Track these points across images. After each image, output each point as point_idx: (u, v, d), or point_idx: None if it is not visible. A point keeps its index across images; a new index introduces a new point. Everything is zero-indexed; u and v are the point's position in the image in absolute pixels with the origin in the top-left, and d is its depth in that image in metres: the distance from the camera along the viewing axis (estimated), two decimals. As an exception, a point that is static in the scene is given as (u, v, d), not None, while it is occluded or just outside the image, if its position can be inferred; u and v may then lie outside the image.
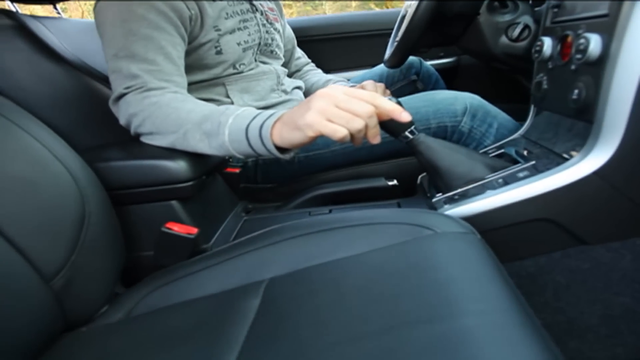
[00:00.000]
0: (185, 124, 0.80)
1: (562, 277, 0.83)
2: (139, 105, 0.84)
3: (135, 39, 0.86)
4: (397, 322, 0.48)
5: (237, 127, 0.75)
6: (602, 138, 0.72)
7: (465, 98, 1.04)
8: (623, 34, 0.66)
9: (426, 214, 0.71)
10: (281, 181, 1.14)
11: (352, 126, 0.67)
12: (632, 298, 0.82)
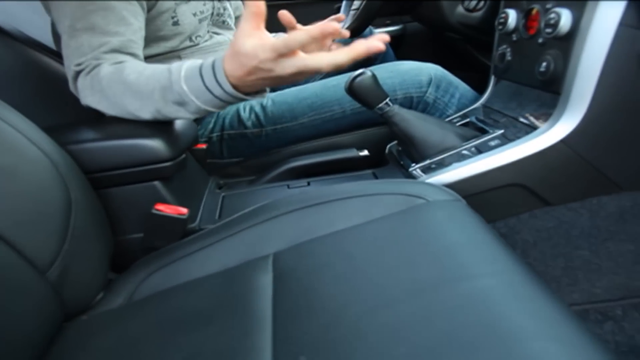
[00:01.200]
0: (143, 96, 0.74)
1: (530, 235, 0.90)
2: (96, 79, 0.77)
3: (94, 8, 0.79)
4: (422, 286, 0.51)
5: (200, 93, 0.70)
6: (569, 108, 0.78)
7: (430, 69, 1.07)
8: (594, 9, 0.71)
9: (416, 184, 0.74)
10: (248, 155, 1.13)
11: (325, 62, 0.63)
12: (589, 251, 0.91)
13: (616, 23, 0.70)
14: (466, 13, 1.16)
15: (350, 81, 0.86)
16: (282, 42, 0.60)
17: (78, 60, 0.78)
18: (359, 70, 0.87)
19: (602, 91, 0.74)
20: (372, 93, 0.87)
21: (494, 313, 0.45)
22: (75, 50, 0.79)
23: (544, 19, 0.80)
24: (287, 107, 1.08)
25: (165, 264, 0.70)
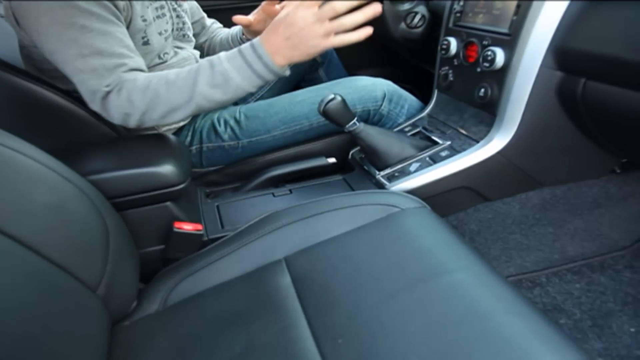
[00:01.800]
0: (192, 89, 0.87)
1: (475, 225, 1.12)
2: (134, 97, 0.88)
3: (93, 34, 0.87)
4: (412, 281, 0.69)
5: (242, 71, 0.86)
6: (503, 127, 0.98)
7: (383, 85, 1.25)
8: (522, 50, 0.91)
9: (390, 195, 0.92)
10: (225, 164, 1.26)
11: (349, 25, 0.84)
12: (520, 235, 1.14)
13: (538, 65, 0.90)
14: (408, 29, 1.33)
15: (324, 105, 1.01)
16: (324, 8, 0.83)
17: (104, 81, 0.88)
18: (330, 95, 1.02)
19: (528, 114, 0.95)
20: (342, 115, 1.03)
21: (468, 299, 0.63)
22: (92, 73, 0.88)
23: (483, 54, 0.99)
24: (260, 122, 1.21)
25: (191, 273, 0.84)
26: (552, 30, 0.86)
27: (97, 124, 1.03)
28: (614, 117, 0.85)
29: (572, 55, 0.85)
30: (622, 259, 1.22)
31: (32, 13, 0.87)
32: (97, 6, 0.88)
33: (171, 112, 0.90)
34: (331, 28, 0.84)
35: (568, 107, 0.93)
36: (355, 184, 1.11)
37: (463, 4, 1.09)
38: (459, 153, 1.03)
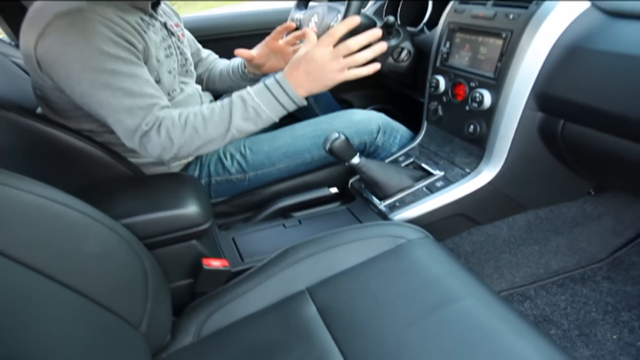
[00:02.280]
0: (228, 124, 0.98)
1: (469, 247, 1.23)
2: (174, 133, 0.97)
3: (123, 77, 0.94)
4: (428, 307, 0.78)
5: (270, 104, 0.98)
6: (492, 160, 1.10)
7: (377, 118, 1.35)
8: (508, 94, 1.03)
9: (396, 226, 1.01)
10: (232, 195, 1.34)
11: (361, 62, 0.97)
12: (510, 253, 1.26)
13: (522, 107, 1.01)
14: (395, 63, 1.44)
15: (329, 144, 1.11)
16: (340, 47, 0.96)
17: (142, 120, 0.96)
18: (334, 134, 1.11)
19: (514, 149, 1.06)
20: (346, 152, 1.13)
21: (479, 324, 0.74)
22: (128, 113, 0.95)
23: (471, 95, 1.10)
24: (265, 155, 1.30)
25: (221, 305, 0.92)
26: (534, 77, 0.98)
27: (114, 163, 1.11)
28: (590, 153, 0.97)
29: (552, 100, 0.97)
30: (600, 271, 1.35)
31: (63, 60, 0.94)
32: (123, 51, 0.96)
33: (206, 144, 1.00)
34: (346, 64, 0.97)
35: (549, 143, 1.05)
36: (359, 214, 1.21)
37: (449, 46, 1.20)
38: (453, 184, 1.14)
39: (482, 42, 1.09)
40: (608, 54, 0.86)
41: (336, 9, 1.34)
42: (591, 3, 0.92)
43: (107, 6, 0.98)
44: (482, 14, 1.08)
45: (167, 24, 1.18)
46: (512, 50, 1.00)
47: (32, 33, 0.94)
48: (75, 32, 0.92)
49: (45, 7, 0.95)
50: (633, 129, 0.84)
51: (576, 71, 0.91)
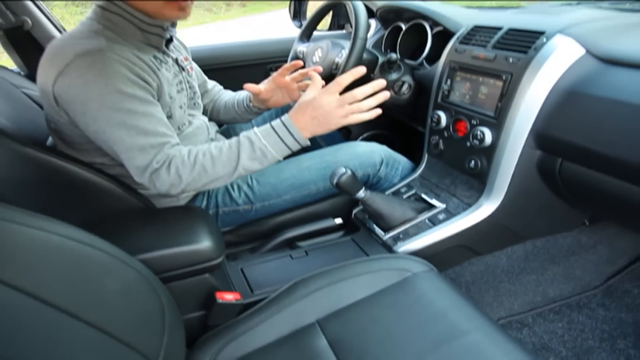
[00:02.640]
0: (235, 163, 1.01)
1: (470, 277, 1.27)
2: (183, 171, 1.00)
3: (138, 116, 0.97)
4: (436, 341, 0.82)
5: (276, 145, 1.02)
6: (493, 194, 1.14)
7: (379, 150, 1.40)
8: (508, 133, 1.07)
9: (402, 259, 1.05)
10: (239, 225, 1.37)
11: (365, 109, 1.02)
12: (509, 282, 1.30)
13: (522, 145, 1.06)
14: (396, 96, 1.49)
15: (336, 179, 1.14)
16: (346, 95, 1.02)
17: (153, 158, 0.99)
18: (341, 169, 1.15)
19: (513, 184, 1.11)
20: (352, 186, 1.16)
21: (483, 358, 0.77)
22: (140, 151, 0.98)
23: (472, 132, 1.15)
24: (271, 187, 1.34)
25: (233, 338, 0.95)
26: (533, 118, 1.03)
27: (126, 195, 1.13)
28: (586, 190, 1.02)
29: (550, 140, 1.02)
30: (595, 298, 1.40)
31: (81, 98, 0.97)
32: (139, 90, 1.00)
33: (213, 182, 1.04)
34: (351, 110, 1.02)
35: (547, 179, 1.09)
36: (364, 245, 1.25)
37: (450, 84, 1.26)
38: (455, 216, 1.18)
39: (483, 82, 1.14)
40: (603, 99, 0.91)
41: (340, 44, 1.38)
42: (586, 50, 0.98)
43: (125, 45, 1.02)
44: (483, 56, 1.13)
45: (178, 60, 1.22)
46: (512, 91, 1.05)
47: (51, 70, 0.97)
48: (95, 72, 0.95)
49: (65, 46, 0.98)
50: (628, 171, 0.89)
51: (573, 114, 0.96)
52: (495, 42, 1.12)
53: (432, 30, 1.48)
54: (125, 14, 1.04)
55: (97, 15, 1.05)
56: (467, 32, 1.25)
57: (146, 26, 1.07)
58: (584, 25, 1.02)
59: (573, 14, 1.12)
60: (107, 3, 1.04)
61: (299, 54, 1.54)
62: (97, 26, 1.03)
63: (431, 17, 1.46)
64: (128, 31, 1.05)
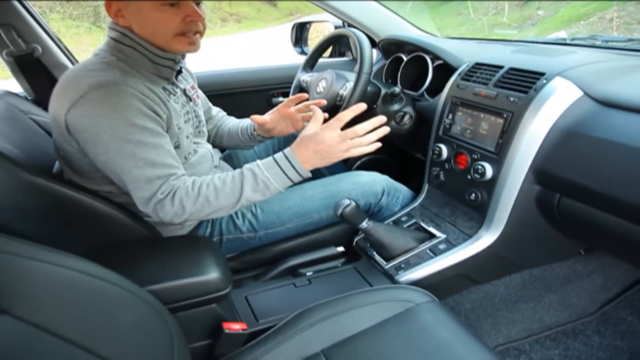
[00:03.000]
0: (238, 195, 1.04)
1: (469, 305, 1.30)
2: (186, 202, 1.02)
3: (147, 148, 1.00)
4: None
5: (278, 178, 1.05)
6: (492, 226, 1.18)
7: (381, 180, 1.43)
8: (509, 169, 1.11)
9: (405, 290, 1.08)
10: (242, 252, 1.40)
11: (365, 143, 1.06)
12: (506, 310, 1.33)
13: (521, 180, 1.10)
14: (397, 126, 1.52)
15: (341, 210, 1.17)
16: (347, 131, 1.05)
17: (159, 189, 1.01)
18: (345, 201, 1.18)
19: (513, 217, 1.15)
20: (356, 217, 1.19)
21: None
22: (147, 182, 1.01)
23: (473, 166, 1.18)
24: (275, 215, 1.36)
25: (242, 368, 0.97)
26: (533, 155, 1.07)
27: (132, 224, 1.15)
28: (583, 225, 1.06)
29: (549, 177, 1.05)
30: (590, 325, 1.43)
31: (93, 129, 0.99)
32: (150, 122, 1.02)
33: (216, 212, 1.06)
34: (352, 145, 1.06)
35: (545, 213, 1.13)
36: (366, 274, 1.28)
37: (452, 118, 1.29)
38: (455, 247, 1.21)
39: (484, 118, 1.18)
40: (601, 140, 0.95)
41: (344, 77, 1.42)
42: (584, 92, 1.02)
43: (138, 77, 1.05)
44: (485, 93, 1.17)
45: (186, 90, 1.25)
46: (513, 129, 1.09)
47: (65, 100, 0.99)
48: (108, 104, 0.98)
49: (80, 77, 1.01)
50: (625, 210, 0.92)
51: (572, 153, 1.00)
52: (497, 80, 1.17)
53: (433, 63, 1.52)
54: (138, 46, 1.07)
55: (111, 47, 1.08)
56: (469, 68, 1.29)
57: (158, 59, 1.10)
58: (581, 68, 1.07)
59: (571, 57, 1.16)
60: (120, 35, 1.07)
61: (303, 83, 1.58)
62: (110, 58, 1.06)
63: (432, 52, 1.51)
64: (140, 63, 1.09)
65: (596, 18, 7.70)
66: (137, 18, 1.05)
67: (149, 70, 1.10)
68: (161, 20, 1.04)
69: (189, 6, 1.05)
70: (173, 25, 1.05)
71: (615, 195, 0.92)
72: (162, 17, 1.04)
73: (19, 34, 1.49)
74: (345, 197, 1.21)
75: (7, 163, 1.00)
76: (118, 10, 1.05)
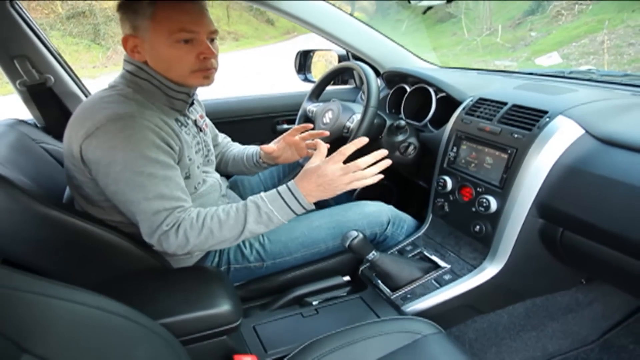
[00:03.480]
0: (242, 227, 1.06)
1: (473, 334, 1.32)
2: (190, 234, 1.04)
3: (157, 181, 1.02)
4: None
5: (282, 210, 1.07)
6: (497, 258, 1.20)
7: (387, 210, 1.46)
8: (513, 203, 1.14)
9: (410, 321, 1.09)
10: (248, 281, 1.41)
11: (368, 176, 1.09)
12: (510, 339, 1.35)
13: (525, 214, 1.13)
14: (401, 156, 1.55)
15: (349, 242, 1.20)
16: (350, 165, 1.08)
17: (164, 221, 1.03)
18: (353, 233, 1.21)
19: (516, 249, 1.17)
20: (364, 248, 1.22)
21: None
22: (154, 214, 1.02)
23: (478, 199, 1.21)
24: (282, 245, 1.38)
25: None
26: (537, 190, 1.10)
27: (143, 255, 1.17)
28: (584, 256, 1.08)
29: (553, 211, 1.08)
30: (593, 353, 1.45)
31: (106, 160, 1.01)
32: (163, 154, 1.05)
33: (219, 244, 1.08)
34: (354, 177, 1.09)
35: (548, 245, 1.16)
36: (372, 304, 1.30)
37: (456, 151, 1.33)
38: (460, 277, 1.24)
39: (488, 152, 1.21)
40: (602, 177, 0.98)
41: (351, 109, 1.46)
42: (585, 131, 1.05)
43: (154, 110, 1.08)
44: (489, 129, 1.21)
45: (196, 121, 1.28)
46: (517, 164, 1.12)
47: (81, 130, 1.01)
48: (123, 136, 1.00)
49: (97, 109, 1.03)
50: (625, 245, 0.95)
51: (575, 189, 1.03)
52: (501, 116, 1.20)
53: (437, 95, 1.56)
54: (153, 79, 1.11)
55: (127, 80, 1.11)
56: (473, 103, 1.33)
57: (172, 92, 1.13)
58: (583, 106, 1.10)
59: (572, 95, 1.20)
60: (136, 69, 1.11)
61: (309, 113, 1.61)
62: (127, 90, 1.09)
63: (435, 85, 1.55)
64: (155, 96, 1.12)
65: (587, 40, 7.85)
66: (153, 55, 1.09)
67: (163, 102, 1.13)
68: (176, 58, 1.08)
69: (203, 43, 1.08)
70: (188, 62, 1.09)
71: (616, 231, 0.95)
72: (177, 54, 1.07)
73: (33, 64, 1.53)
74: (352, 228, 1.24)
75: (23, 196, 1.01)
76: (134, 46, 1.09)
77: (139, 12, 1.04)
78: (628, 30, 7.51)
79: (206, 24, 1.09)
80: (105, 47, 10.81)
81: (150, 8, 1.03)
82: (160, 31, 1.05)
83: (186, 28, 1.06)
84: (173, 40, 1.06)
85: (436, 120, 1.54)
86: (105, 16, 10.93)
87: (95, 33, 10.80)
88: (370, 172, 1.09)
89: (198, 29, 1.07)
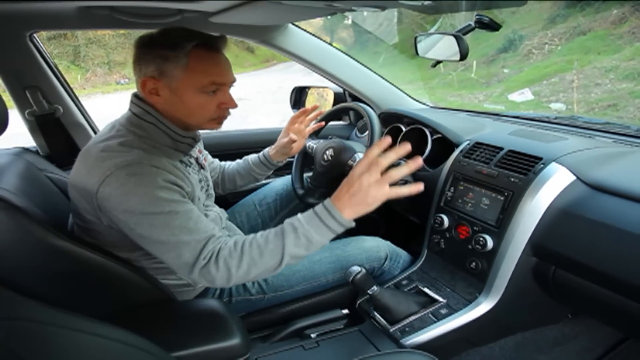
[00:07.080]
0: (282, 251, 1.01)
1: (464, 367, 1.37)
2: (231, 264, 1.01)
3: (179, 216, 1.01)
4: None
5: (320, 230, 1.02)
6: (492, 293, 1.27)
7: (385, 246, 1.51)
8: (508, 242, 1.21)
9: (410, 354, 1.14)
10: (248, 312, 1.44)
11: (398, 176, 1.00)
12: (500, 372, 1.41)
13: (520, 252, 1.20)
14: (395, 191, 1.62)
15: (352, 277, 1.25)
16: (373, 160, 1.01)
17: (200, 254, 1.01)
18: (356, 268, 1.26)
19: (510, 285, 1.24)
20: (366, 284, 1.27)
21: None
22: (187, 248, 1.01)
23: (475, 237, 1.28)
24: (284, 278, 1.42)
25: None
26: (531, 230, 1.17)
27: (150, 287, 1.19)
28: (574, 293, 1.16)
29: (546, 251, 1.16)
30: (577, 385, 1.52)
31: (122, 207, 1.01)
32: (175, 194, 1.05)
33: (263, 273, 1.04)
34: (382, 179, 1.00)
35: (540, 282, 1.23)
36: (371, 337, 1.34)
37: (453, 191, 1.40)
38: (456, 312, 1.29)
39: (485, 194, 1.29)
40: (593, 221, 1.06)
41: (352, 149, 1.52)
42: (576, 177, 1.14)
43: (159, 155, 1.09)
44: (486, 172, 1.29)
45: (198, 159, 1.31)
46: (513, 206, 1.20)
47: (92, 179, 1.02)
48: (134, 182, 1.01)
49: (105, 157, 1.04)
50: (615, 284, 1.03)
51: (567, 231, 1.11)
52: (497, 160, 1.29)
53: (432, 135, 1.64)
54: (159, 124, 1.12)
55: (131, 124, 1.12)
56: (470, 146, 1.41)
57: (179, 137, 1.16)
58: (574, 154, 1.20)
59: (564, 143, 1.30)
60: (143, 112, 1.12)
61: (309, 149, 1.67)
62: (131, 137, 1.09)
63: (431, 127, 1.63)
64: (160, 139, 1.13)
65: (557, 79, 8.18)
66: (174, 100, 1.10)
67: (168, 145, 1.14)
68: (199, 106, 1.11)
69: (226, 94, 1.13)
70: (210, 111, 1.13)
71: (606, 271, 1.03)
72: (200, 102, 1.11)
73: (44, 95, 1.55)
74: (352, 263, 1.29)
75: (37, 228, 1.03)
76: (154, 89, 1.09)
77: (170, 59, 1.05)
78: (595, 71, 7.86)
79: (231, 75, 1.14)
80: (84, 68, 10.76)
81: (186, 58, 1.06)
82: (193, 80, 1.08)
83: (217, 81, 1.10)
84: (202, 90, 1.09)
85: (430, 160, 1.61)
86: (87, 38, 10.92)
87: (76, 55, 10.74)
88: (400, 173, 1.00)
89: (225, 81, 1.12)
